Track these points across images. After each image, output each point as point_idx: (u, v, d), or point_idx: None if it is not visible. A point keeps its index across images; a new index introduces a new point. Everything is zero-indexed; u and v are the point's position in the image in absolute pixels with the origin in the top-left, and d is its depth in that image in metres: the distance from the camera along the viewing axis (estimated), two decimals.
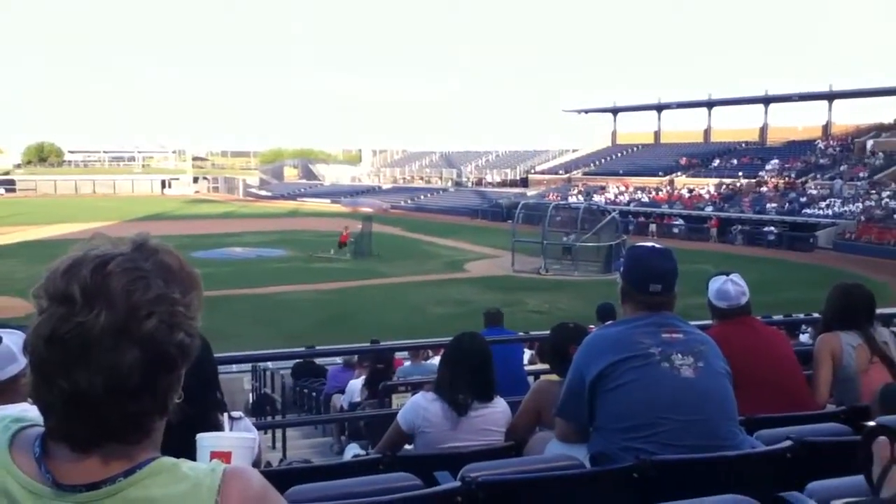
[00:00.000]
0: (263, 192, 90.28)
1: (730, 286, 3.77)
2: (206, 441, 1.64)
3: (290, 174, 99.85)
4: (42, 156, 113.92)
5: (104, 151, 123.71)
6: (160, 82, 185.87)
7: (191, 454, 1.56)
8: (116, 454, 0.98)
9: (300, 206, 73.65)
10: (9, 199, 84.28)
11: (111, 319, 0.94)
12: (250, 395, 11.68)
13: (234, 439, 1.75)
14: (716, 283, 3.81)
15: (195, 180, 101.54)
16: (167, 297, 1.00)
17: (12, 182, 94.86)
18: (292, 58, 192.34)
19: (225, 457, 1.57)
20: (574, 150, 77.09)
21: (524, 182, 71.52)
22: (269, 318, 20.91)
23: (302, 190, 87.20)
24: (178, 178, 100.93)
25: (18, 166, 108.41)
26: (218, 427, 2.32)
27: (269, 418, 9.56)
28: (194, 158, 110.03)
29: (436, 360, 6.41)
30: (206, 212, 65.03)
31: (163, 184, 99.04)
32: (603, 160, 70.62)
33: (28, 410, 1.09)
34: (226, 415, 2.48)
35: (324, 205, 73.59)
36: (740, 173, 54.79)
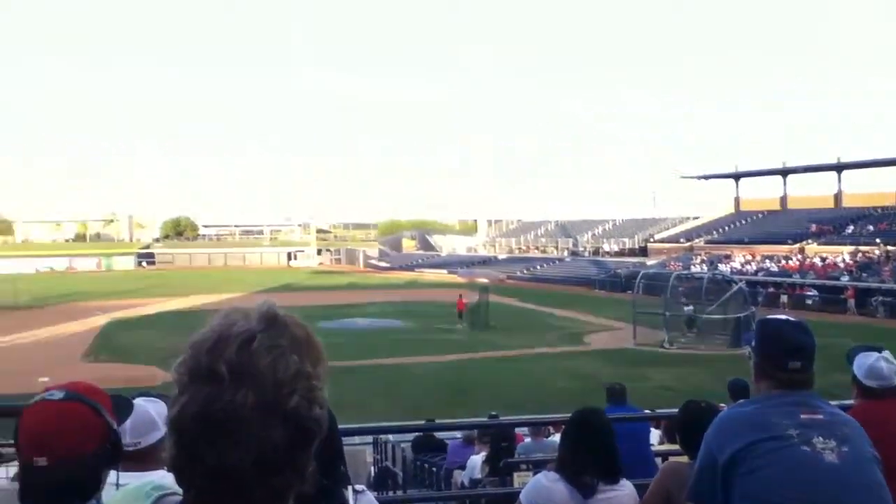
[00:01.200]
0: (383, 263, 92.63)
1: (882, 364, 3.53)
2: None
3: (408, 245, 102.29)
4: (179, 230, 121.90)
5: (235, 225, 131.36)
6: (286, 160, 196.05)
7: None
8: None
9: (418, 277, 74.98)
10: (148, 271, 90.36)
11: (259, 398, 0.96)
12: (372, 467, 11.75)
13: None
14: (866, 360, 3.57)
15: (319, 252, 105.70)
16: (304, 371, 1.01)
17: (152, 255, 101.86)
18: (408, 132, 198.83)
19: None
20: (695, 218, 75.07)
21: (643, 251, 70.10)
22: (390, 390, 21.14)
23: (419, 261, 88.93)
24: (303, 251, 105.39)
25: (157, 240, 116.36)
26: (343, 500, 2.36)
27: (391, 493, 9.56)
28: (318, 231, 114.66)
29: (557, 437, 6.26)
30: (329, 283, 67.29)
31: (289, 256, 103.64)
32: (726, 227, 68.34)
33: (166, 477, 1.12)
34: (350, 488, 2.52)
35: (441, 275, 74.63)
36: (878, 240, 51.54)
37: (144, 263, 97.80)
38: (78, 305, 47.31)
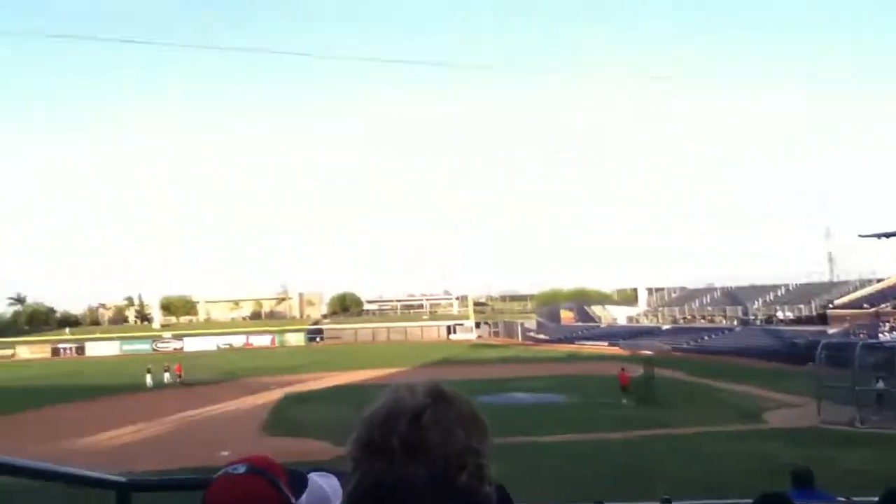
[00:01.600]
0: (541, 336, 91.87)
1: None
2: None
3: (566, 316, 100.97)
4: (344, 306, 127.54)
5: (397, 300, 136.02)
6: (443, 232, 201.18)
7: None
8: None
9: (578, 350, 73.59)
10: (317, 347, 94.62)
11: (431, 472, 0.97)
12: None
13: None
14: None
15: (477, 325, 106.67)
16: (472, 448, 1.03)
17: (320, 331, 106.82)
18: (561, 196, 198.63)
19: None
20: (879, 280, 69.21)
21: (822, 318, 65.19)
22: (554, 469, 20.59)
23: (579, 332, 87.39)
24: (461, 324, 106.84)
25: (326, 316, 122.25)
26: None
27: None
28: (475, 304, 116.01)
29: None
30: (488, 356, 67.46)
31: (448, 329, 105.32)
32: None
33: None
34: None
35: (602, 347, 72.90)
36: None
37: (318, 339, 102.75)
38: (255, 380, 50.12)
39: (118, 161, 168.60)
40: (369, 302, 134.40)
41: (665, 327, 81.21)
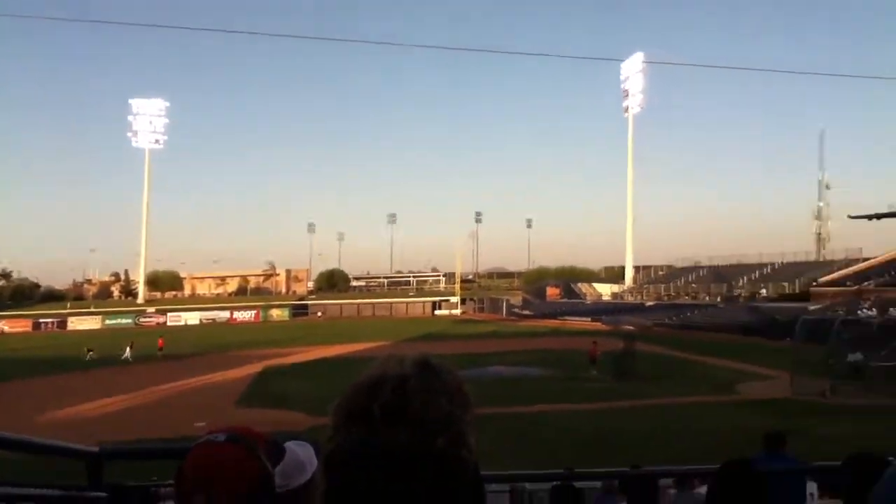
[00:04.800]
0: (526, 312, 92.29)
1: None
2: None
3: (552, 293, 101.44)
4: (331, 282, 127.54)
5: (384, 277, 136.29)
6: (423, 211, 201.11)
7: None
8: None
9: (561, 325, 74.03)
10: (301, 322, 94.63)
11: (409, 437, 1.00)
12: None
13: None
14: None
15: (462, 301, 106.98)
16: (454, 416, 1.05)
17: (305, 307, 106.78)
18: (548, 178, 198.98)
19: None
20: (864, 260, 69.73)
21: (805, 296, 65.72)
22: (528, 438, 20.73)
23: (563, 309, 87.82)
24: (447, 300, 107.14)
25: (311, 293, 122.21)
26: None
27: None
28: (463, 281, 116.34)
29: (703, 490, 5.89)
30: (471, 331, 67.75)
31: (433, 305, 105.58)
32: None
33: None
34: None
35: (585, 323, 73.30)
36: None
37: (303, 315, 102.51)
38: (236, 354, 50.07)
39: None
40: (356, 279, 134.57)
41: (649, 304, 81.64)
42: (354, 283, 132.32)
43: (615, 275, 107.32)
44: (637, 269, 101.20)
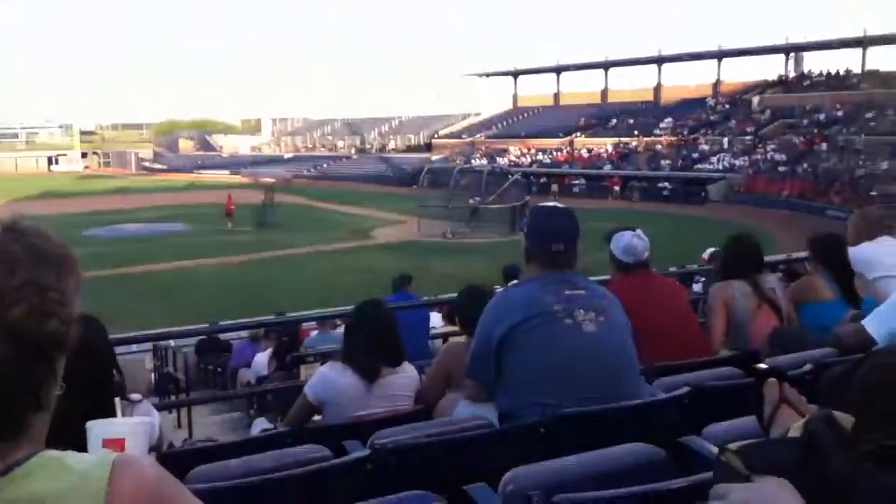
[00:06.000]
0: (158, 166, 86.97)
1: (637, 241, 3.83)
2: (97, 429, 1.56)
3: (186, 146, 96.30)
4: None
5: None
6: (43, 51, 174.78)
7: (86, 445, 1.49)
8: None
9: (198, 179, 71.31)
10: None
11: None
12: (152, 375, 11.30)
13: (128, 425, 1.68)
14: (623, 239, 3.85)
15: (84, 156, 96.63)
16: (37, 282, 0.93)
17: None
18: (183, 26, 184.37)
19: (119, 444, 1.50)
20: (476, 115, 77.40)
21: (428, 147, 71.45)
22: (169, 296, 20.25)
23: (199, 162, 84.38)
24: (65, 154, 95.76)
25: None
26: (112, 413, 2.21)
27: (173, 397, 9.28)
28: (82, 133, 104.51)
29: (342, 330, 6.33)
30: (96, 188, 62.07)
31: (49, 160, 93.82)
32: (504, 123, 71.28)
33: None
34: (119, 399, 2.37)
35: (223, 176, 71.42)
36: (636, 132, 56.38)
37: None
38: None
39: None
40: None
41: (287, 156, 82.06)
42: None
43: (252, 127, 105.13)
44: (273, 121, 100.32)
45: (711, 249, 8.52)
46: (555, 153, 56.98)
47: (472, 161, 54.51)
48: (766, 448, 1.16)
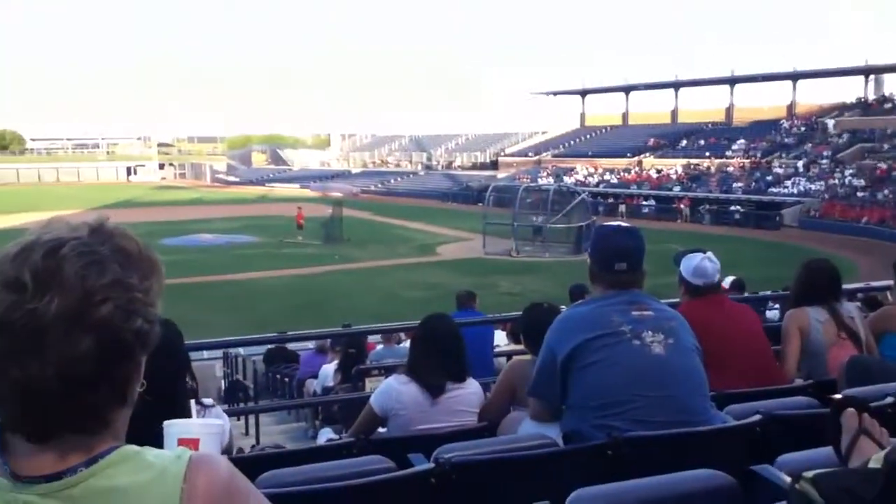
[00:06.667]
0: (231, 178, 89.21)
1: (707, 263, 3.77)
2: (174, 428, 1.62)
3: (259, 160, 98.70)
4: (3, 144, 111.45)
5: (67, 139, 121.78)
6: (124, 67, 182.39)
7: (160, 443, 1.54)
8: (74, 445, 0.94)
9: (269, 192, 72.92)
10: None
11: (63, 306, 0.90)
12: (222, 382, 11.58)
13: (202, 426, 1.73)
14: (693, 261, 3.78)
15: (161, 167, 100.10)
16: (123, 282, 0.96)
17: None
18: (256, 40, 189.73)
19: (193, 444, 1.55)
20: (543, 133, 77.21)
21: (494, 165, 71.52)
22: (240, 305, 20.74)
23: (270, 175, 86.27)
24: (143, 165, 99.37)
25: None
26: (187, 415, 2.29)
27: (242, 405, 9.48)
28: (160, 145, 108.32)
29: (408, 344, 6.38)
30: (173, 198, 64.21)
31: (128, 171, 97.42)
32: (572, 142, 70.85)
33: None
34: (194, 402, 2.45)
35: (293, 190, 72.89)
36: (707, 153, 55.29)
37: None
38: None
39: None
40: (34, 140, 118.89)
41: (355, 171, 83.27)
42: (31, 146, 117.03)
43: (321, 142, 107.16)
44: (343, 136, 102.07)
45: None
46: (623, 173, 56.30)
47: (539, 179, 54.32)
48: (844, 478, 1.13)
